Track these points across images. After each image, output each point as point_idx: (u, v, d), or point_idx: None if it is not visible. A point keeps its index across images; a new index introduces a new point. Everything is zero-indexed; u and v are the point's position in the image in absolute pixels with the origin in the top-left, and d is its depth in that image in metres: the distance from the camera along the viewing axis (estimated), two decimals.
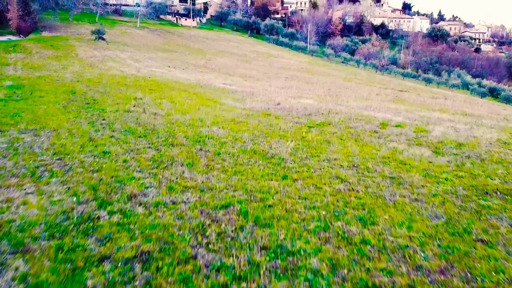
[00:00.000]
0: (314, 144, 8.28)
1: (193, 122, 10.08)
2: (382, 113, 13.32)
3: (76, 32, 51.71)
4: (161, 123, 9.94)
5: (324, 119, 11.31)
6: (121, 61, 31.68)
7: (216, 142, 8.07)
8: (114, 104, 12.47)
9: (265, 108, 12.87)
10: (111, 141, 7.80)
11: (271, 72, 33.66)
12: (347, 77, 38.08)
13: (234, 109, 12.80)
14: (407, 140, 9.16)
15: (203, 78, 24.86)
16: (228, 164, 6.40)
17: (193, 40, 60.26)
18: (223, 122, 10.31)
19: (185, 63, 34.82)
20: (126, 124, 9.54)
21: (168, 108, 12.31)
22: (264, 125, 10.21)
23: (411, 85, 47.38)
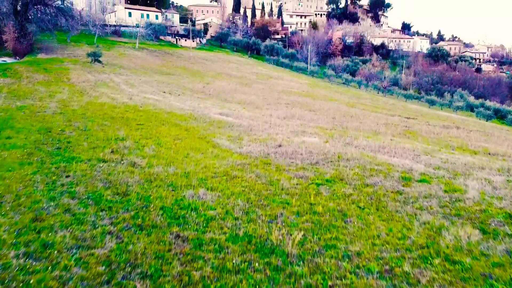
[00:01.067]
0: (326, 219, 6.42)
1: (177, 180, 8.25)
2: (398, 157, 11.50)
3: (72, 54, 50.57)
4: (137, 181, 8.11)
5: (334, 170, 9.48)
6: (115, 86, 30.14)
7: (200, 220, 6.20)
8: (89, 149, 10.68)
9: (265, 153, 11.06)
10: (63, 220, 5.96)
11: (271, 97, 32.06)
12: (350, 102, 36.48)
13: (228, 154, 10.99)
14: (441, 207, 7.30)
15: (199, 106, 23.19)
16: (211, 272, 4.53)
17: (192, 62, 59.14)
18: (213, 179, 8.48)
19: (182, 87, 33.29)
20: (93, 185, 7.71)
21: (151, 154, 10.51)
22: (262, 182, 8.38)
23: (415, 108, 45.81)
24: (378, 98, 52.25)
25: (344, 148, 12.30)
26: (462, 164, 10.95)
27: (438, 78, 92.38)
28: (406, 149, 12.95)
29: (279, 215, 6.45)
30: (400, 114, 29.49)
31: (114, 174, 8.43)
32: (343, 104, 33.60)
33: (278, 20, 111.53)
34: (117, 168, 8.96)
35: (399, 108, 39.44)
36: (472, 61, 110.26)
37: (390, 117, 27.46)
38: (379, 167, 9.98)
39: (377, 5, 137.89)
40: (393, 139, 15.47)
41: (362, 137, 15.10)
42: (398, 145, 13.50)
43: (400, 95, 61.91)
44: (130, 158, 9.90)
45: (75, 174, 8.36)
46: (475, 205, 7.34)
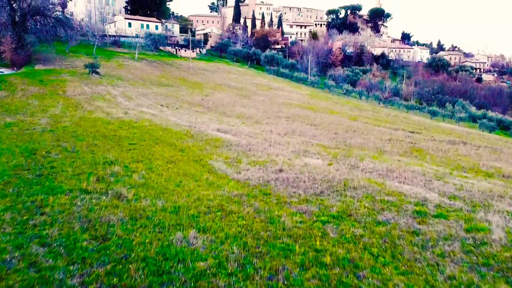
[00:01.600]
0: (335, 274, 5.48)
1: (165, 218, 7.32)
2: (409, 184, 10.59)
3: (71, 65, 49.94)
4: (121, 218, 7.19)
5: (340, 203, 8.55)
6: (111, 99, 29.35)
7: (188, 276, 5.26)
8: (73, 177, 9.77)
9: (264, 180, 10.15)
10: (25, 278, 5.03)
11: (272, 110, 31.23)
12: (352, 114, 35.64)
13: (224, 181, 10.09)
14: (465, 252, 6.36)
15: (196, 121, 22.34)
16: None
17: (192, 72, 58.50)
18: (206, 216, 7.56)
19: (180, 100, 32.49)
20: (70, 225, 6.79)
21: (140, 182, 9.60)
22: (261, 219, 7.45)
23: (418, 120, 44.98)
24: (379, 110, 51.45)
25: (349, 173, 11.39)
26: (479, 192, 10.03)
27: (438, 88, 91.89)
28: (416, 173, 12.03)
29: (281, 269, 5.51)
30: (404, 128, 28.61)
31: (96, 210, 7.51)
32: (345, 117, 32.76)
33: (278, 30, 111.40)
34: (100, 202, 8.05)
35: (402, 120, 38.59)
36: (473, 71, 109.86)
37: (394, 131, 26.58)
38: (390, 198, 9.05)
39: (377, 15, 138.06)
40: (401, 160, 14.56)
41: (367, 158, 14.19)
42: (407, 168, 12.58)
43: (402, 106, 61.17)
44: (116, 188, 8.98)
45: (52, 210, 7.44)
46: (504, 251, 6.41)
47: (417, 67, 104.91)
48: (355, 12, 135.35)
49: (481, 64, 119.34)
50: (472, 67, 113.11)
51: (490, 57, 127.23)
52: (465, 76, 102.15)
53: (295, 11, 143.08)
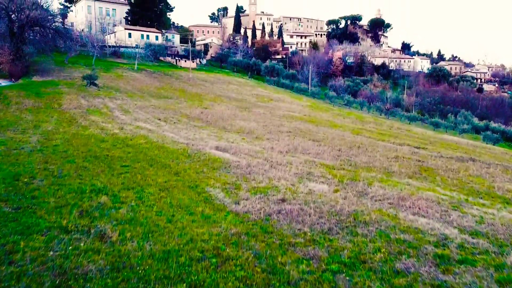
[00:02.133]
0: None
1: (152, 268, 6.31)
2: (425, 216, 9.62)
3: (69, 76, 49.25)
4: (100, 269, 6.18)
5: (351, 245, 7.56)
6: (107, 113, 28.49)
7: None
8: (55, 210, 8.80)
9: (265, 213, 9.17)
10: None
11: (272, 124, 30.34)
12: (355, 127, 34.75)
13: (221, 214, 9.12)
14: None
15: (194, 137, 21.44)
16: None
17: (191, 84, 57.82)
18: (199, 264, 6.57)
19: (179, 113, 31.63)
20: (39, 281, 5.80)
21: (128, 217, 8.62)
22: (263, 269, 6.45)
23: (421, 132, 44.09)
24: (381, 121, 50.60)
25: (358, 202, 10.42)
26: (503, 227, 9.05)
27: (440, 98, 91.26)
28: (430, 201, 11.06)
29: None
30: (409, 143, 27.68)
31: (73, 257, 6.52)
32: (348, 130, 31.86)
33: (278, 40, 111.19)
34: (80, 245, 7.07)
35: (405, 133, 37.69)
36: (474, 81, 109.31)
37: (399, 146, 25.65)
38: (406, 236, 8.07)
39: (377, 26, 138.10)
40: (411, 184, 13.60)
41: (375, 181, 13.23)
42: (419, 194, 11.62)
43: (404, 117, 60.33)
44: (100, 225, 8.01)
45: (23, 258, 6.46)
46: None
47: (418, 77, 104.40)
48: (355, 22, 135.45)
49: (482, 74, 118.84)
50: (473, 77, 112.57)
51: (491, 67, 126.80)
52: (466, 86, 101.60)
53: (295, 21, 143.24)
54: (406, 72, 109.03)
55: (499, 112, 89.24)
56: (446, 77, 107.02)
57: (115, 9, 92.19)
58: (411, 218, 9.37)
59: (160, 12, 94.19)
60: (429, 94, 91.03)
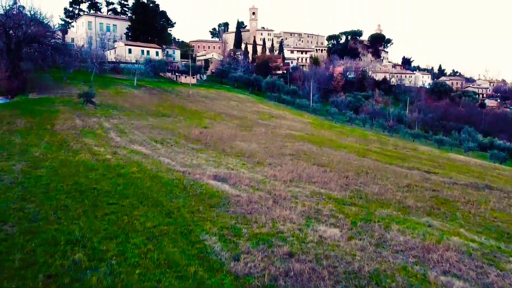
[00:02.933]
0: None
1: None
2: (458, 276, 8.12)
3: (66, 93, 48.13)
4: None
5: None
6: (102, 135, 27.10)
7: None
8: (16, 275, 7.32)
9: (270, 276, 7.65)
10: None
11: (274, 146, 28.94)
12: (359, 148, 33.34)
13: (218, 278, 7.61)
14: None
15: (192, 163, 19.99)
16: None
17: (191, 100, 56.72)
18: None
19: (177, 134, 30.24)
20: None
21: (103, 285, 7.12)
22: None
23: (427, 151, 42.68)
24: (385, 140, 49.24)
25: (378, 256, 8.91)
26: None
27: (442, 114, 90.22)
28: (459, 251, 9.56)
29: None
30: (418, 167, 26.22)
31: None
32: (353, 151, 30.43)
33: (279, 56, 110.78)
34: None
35: (412, 154, 36.25)
36: (476, 96, 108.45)
37: (409, 171, 24.19)
38: None
39: (377, 41, 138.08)
40: (432, 225, 12.09)
41: (393, 223, 11.73)
42: (446, 243, 10.11)
43: (407, 135, 58.97)
44: None
45: None
46: None
47: (419, 93, 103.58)
48: (355, 37, 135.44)
49: (484, 90, 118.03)
50: (474, 92, 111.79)
51: (492, 82, 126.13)
52: (469, 101, 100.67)
53: (296, 36, 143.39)
54: (408, 87, 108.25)
55: (503, 127, 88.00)
56: (447, 92, 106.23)
57: (115, 25, 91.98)
58: (443, 280, 7.85)
59: (161, 28, 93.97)
60: (431, 110, 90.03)
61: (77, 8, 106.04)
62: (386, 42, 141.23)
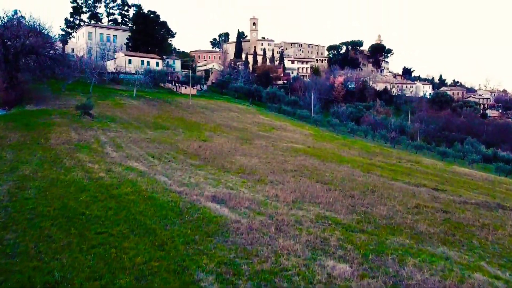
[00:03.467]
0: None
1: None
2: None
3: (64, 104, 47.33)
4: None
5: None
6: (97, 149, 26.12)
7: None
8: None
9: None
10: None
11: (276, 160, 27.96)
12: (363, 162, 32.34)
13: None
14: None
15: (190, 182, 18.99)
16: None
17: (191, 111, 55.89)
18: None
19: (175, 148, 29.28)
20: None
21: None
22: None
23: (431, 164, 41.67)
24: (388, 152, 48.25)
25: None
26: None
27: (444, 124, 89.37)
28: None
29: None
30: (425, 183, 25.21)
31: None
32: (357, 167, 29.41)
33: (279, 66, 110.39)
34: None
35: (416, 167, 35.23)
36: (477, 106, 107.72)
37: (416, 188, 23.17)
38: None
39: (378, 51, 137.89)
40: (449, 257, 11.05)
41: (407, 257, 10.69)
42: (469, 282, 9.06)
43: (410, 146, 57.99)
44: None
45: None
46: None
47: (420, 103, 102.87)
48: (356, 47, 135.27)
49: (485, 100, 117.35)
50: (476, 102, 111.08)
51: (493, 92, 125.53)
52: (470, 112, 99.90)
53: (296, 46, 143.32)
54: (409, 98, 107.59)
55: (505, 138, 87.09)
56: (449, 102, 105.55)
57: (116, 35, 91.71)
58: None
59: (162, 38, 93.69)
60: (433, 120, 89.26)
61: (78, 18, 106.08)
62: (386, 52, 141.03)
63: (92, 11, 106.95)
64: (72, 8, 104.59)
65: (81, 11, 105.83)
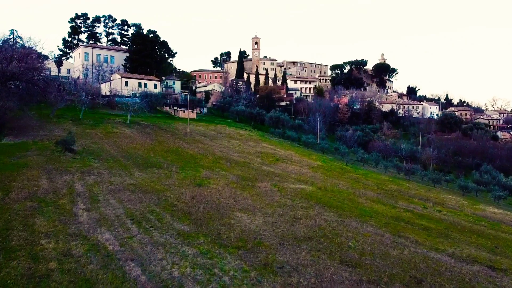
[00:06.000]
0: None
1: None
2: None
3: (48, 135, 42.26)
4: None
5: None
6: (65, 208, 20.74)
7: None
8: None
9: None
10: None
11: (284, 219, 22.54)
12: (389, 216, 26.87)
13: None
14: None
15: (171, 277, 13.61)
16: None
17: (188, 141, 50.70)
18: None
19: (163, 201, 23.84)
20: None
21: None
22: None
23: (456, 203, 36.17)
24: (406, 188, 42.80)
25: None
26: None
27: (455, 148, 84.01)
28: None
29: None
30: (474, 255, 19.68)
31: None
32: (383, 226, 23.92)
33: (282, 87, 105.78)
34: None
35: (445, 215, 29.73)
36: (487, 128, 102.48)
37: (468, 267, 17.68)
38: None
39: (382, 70, 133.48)
40: None
41: None
42: None
43: (426, 179, 52.50)
44: None
45: None
46: None
47: (429, 124, 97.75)
48: (359, 67, 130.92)
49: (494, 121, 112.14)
50: (486, 124, 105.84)
51: (502, 113, 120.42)
52: (481, 134, 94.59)
53: (299, 66, 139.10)
54: (416, 119, 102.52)
55: None
56: (458, 124, 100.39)
57: (113, 56, 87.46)
58: None
59: (161, 58, 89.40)
60: (444, 144, 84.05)
61: (76, 38, 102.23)
62: (391, 72, 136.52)
63: (91, 31, 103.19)
64: (71, 28, 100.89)
65: (79, 31, 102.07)
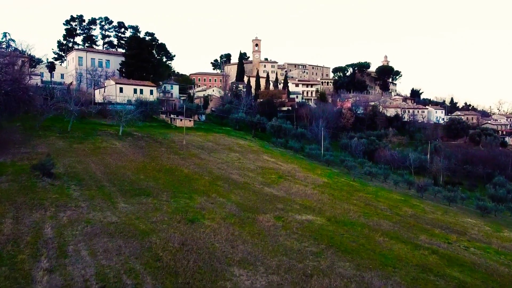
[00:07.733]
0: None
1: None
2: None
3: (28, 154, 38.01)
4: None
5: None
6: (25, 266, 16.60)
7: None
8: None
9: None
10: None
11: (292, 275, 18.40)
12: (414, 262, 22.69)
13: None
14: None
15: None
16: None
17: (184, 156, 46.47)
18: None
19: (145, 251, 19.60)
20: None
21: None
22: None
23: (477, 231, 32.01)
24: (421, 210, 38.63)
25: None
26: None
27: (464, 156, 79.79)
28: None
29: None
30: None
31: None
32: (409, 280, 19.76)
33: (284, 91, 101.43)
34: None
35: (471, 246, 25.55)
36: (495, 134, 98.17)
37: None
38: None
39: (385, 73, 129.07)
40: None
41: None
42: None
43: (441, 196, 48.32)
44: None
45: None
46: None
47: (435, 130, 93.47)
48: (362, 70, 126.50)
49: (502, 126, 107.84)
50: (494, 129, 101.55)
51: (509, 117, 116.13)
52: (490, 140, 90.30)
53: (301, 68, 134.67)
54: (422, 124, 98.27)
55: None
56: (465, 129, 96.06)
57: (109, 60, 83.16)
58: None
59: (158, 62, 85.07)
60: (451, 151, 79.89)
61: (72, 41, 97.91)
62: (394, 74, 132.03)
63: (86, 33, 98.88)
64: (66, 31, 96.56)
65: (75, 33, 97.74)
